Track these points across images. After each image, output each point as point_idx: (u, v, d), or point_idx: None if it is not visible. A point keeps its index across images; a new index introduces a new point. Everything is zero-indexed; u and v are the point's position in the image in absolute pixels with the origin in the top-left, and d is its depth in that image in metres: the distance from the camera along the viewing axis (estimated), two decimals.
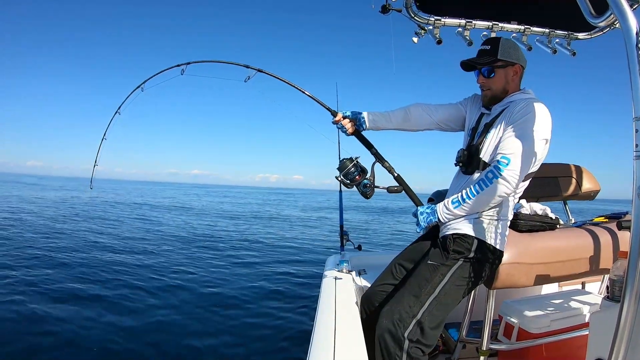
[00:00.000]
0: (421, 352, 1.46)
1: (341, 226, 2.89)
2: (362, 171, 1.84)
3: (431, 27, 2.14)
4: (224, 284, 6.13)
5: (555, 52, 2.25)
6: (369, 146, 1.96)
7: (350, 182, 1.84)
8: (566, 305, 2.01)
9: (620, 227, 1.67)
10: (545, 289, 2.45)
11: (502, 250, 1.64)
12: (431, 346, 1.50)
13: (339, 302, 1.72)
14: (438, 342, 2.19)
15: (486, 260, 1.61)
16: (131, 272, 6.55)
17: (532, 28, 2.20)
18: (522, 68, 1.71)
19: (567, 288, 2.42)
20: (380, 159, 1.90)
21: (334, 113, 1.95)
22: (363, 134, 1.97)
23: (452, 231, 1.63)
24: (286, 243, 10.89)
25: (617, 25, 1.03)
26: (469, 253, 1.58)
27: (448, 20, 2.13)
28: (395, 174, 1.89)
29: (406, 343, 1.44)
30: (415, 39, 2.19)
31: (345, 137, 2.01)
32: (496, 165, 1.53)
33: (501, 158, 1.53)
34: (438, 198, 2.05)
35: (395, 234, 14.34)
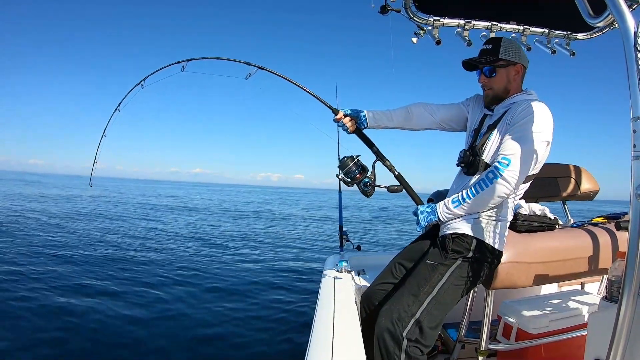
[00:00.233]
0: (420, 352, 1.46)
1: (340, 226, 2.88)
2: (363, 170, 1.84)
3: (430, 28, 2.14)
4: (225, 282, 6.16)
5: (554, 53, 2.26)
6: (370, 145, 1.96)
7: (351, 181, 1.84)
8: (565, 305, 2.01)
9: (618, 228, 1.67)
10: (544, 289, 2.45)
11: (501, 250, 1.64)
12: (429, 346, 1.50)
13: (338, 302, 1.72)
14: (437, 342, 2.19)
15: (485, 260, 1.61)
16: (139, 269, 6.65)
17: (532, 28, 2.20)
18: (524, 68, 1.71)
19: (566, 288, 2.42)
20: (381, 158, 1.89)
21: (335, 111, 1.95)
22: (364, 133, 1.97)
23: (452, 231, 1.64)
24: (287, 242, 10.91)
25: (616, 25, 1.03)
26: (468, 253, 1.58)
27: (447, 20, 2.13)
28: (395, 173, 1.89)
29: (405, 342, 1.44)
30: (414, 40, 2.19)
31: (344, 136, 2.00)
32: (497, 166, 1.53)
33: (502, 159, 1.53)
34: (438, 198, 2.05)
35: (395, 235, 14.34)
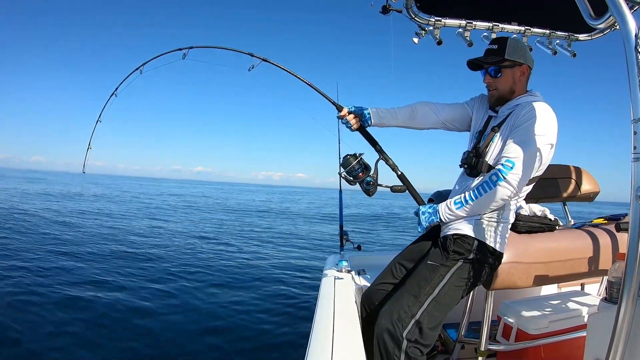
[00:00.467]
0: (419, 352, 1.47)
1: (341, 226, 2.88)
2: (366, 168, 1.83)
3: (432, 28, 2.14)
4: (226, 281, 6.21)
5: (555, 54, 2.26)
6: (374, 143, 1.94)
7: (353, 179, 1.83)
8: (565, 306, 2.01)
9: (618, 229, 1.67)
10: (544, 290, 2.45)
11: (502, 252, 1.64)
12: (429, 346, 1.51)
13: (338, 302, 1.72)
14: (437, 343, 2.19)
15: (486, 261, 1.61)
16: (146, 265, 6.80)
17: (533, 29, 2.20)
18: (529, 69, 1.70)
19: (566, 289, 2.42)
20: (384, 157, 1.88)
21: (339, 108, 1.94)
22: (368, 130, 1.96)
23: (453, 231, 1.63)
24: (287, 241, 10.94)
25: (617, 27, 1.03)
26: (469, 254, 1.58)
27: (448, 21, 2.13)
28: (398, 172, 1.89)
29: (405, 343, 1.45)
30: (415, 40, 2.19)
31: (346, 134, 2.00)
32: (500, 168, 1.52)
33: (505, 161, 1.52)
34: (438, 198, 2.05)
35: (395, 235, 14.35)
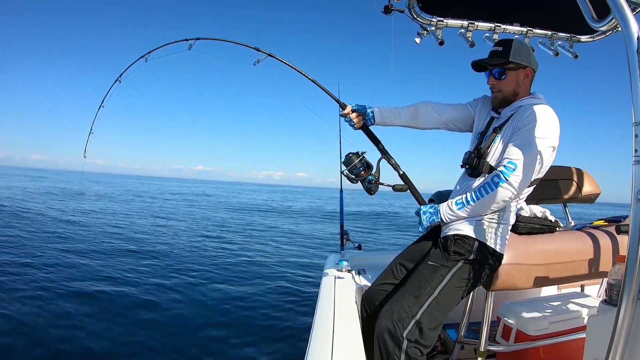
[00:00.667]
0: (419, 353, 1.47)
1: (341, 225, 2.88)
2: (368, 167, 1.83)
3: (433, 28, 2.14)
4: (227, 281, 6.22)
5: (557, 55, 2.25)
6: (376, 142, 1.94)
7: (355, 178, 1.83)
8: (564, 307, 2.01)
9: (619, 231, 1.67)
10: (544, 291, 2.45)
11: (502, 253, 1.65)
12: (429, 347, 1.51)
13: (338, 301, 1.73)
14: (436, 343, 2.19)
15: (486, 262, 1.61)
16: (149, 263, 6.86)
17: (535, 30, 2.20)
18: (534, 71, 1.70)
19: (566, 290, 2.42)
20: (386, 156, 1.88)
21: (343, 106, 1.94)
22: (370, 129, 1.95)
23: (454, 232, 1.64)
24: (288, 241, 10.96)
25: (620, 29, 1.03)
26: (470, 255, 1.59)
27: (450, 21, 2.13)
28: (400, 172, 1.89)
29: (405, 343, 1.45)
30: (417, 40, 2.19)
31: (348, 131, 1.99)
32: (502, 170, 1.52)
33: (507, 163, 1.52)
34: (439, 199, 2.06)
35: (396, 235, 14.36)
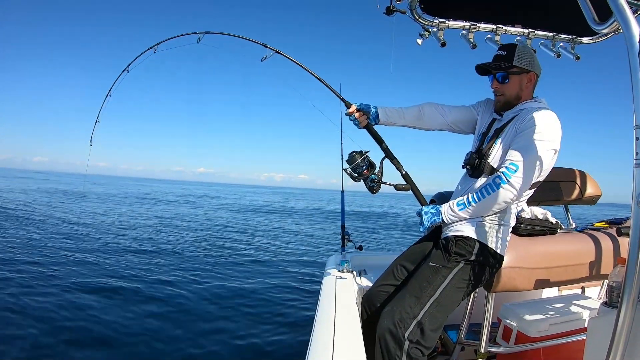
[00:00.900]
0: (421, 353, 1.47)
1: (342, 226, 2.89)
2: (371, 166, 1.84)
3: (435, 30, 2.14)
4: (229, 279, 6.27)
5: (559, 56, 2.25)
6: (380, 141, 1.95)
7: (358, 176, 1.83)
8: (565, 309, 2.01)
9: (619, 234, 1.67)
10: (544, 293, 2.45)
11: (503, 255, 1.65)
12: (430, 348, 1.51)
13: (339, 302, 1.73)
14: (437, 344, 2.19)
15: (487, 263, 1.61)
16: (152, 266, 6.88)
17: (537, 32, 2.19)
18: (537, 76, 1.71)
19: (567, 292, 2.42)
20: (389, 155, 1.89)
21: (348, 104, 1.95)
22: (374, 129, 1.96)
23: (455, 233, 1.64)
24: (290, 241, 10.98)
25: (622, 31, 1.03)
26: (470, 256, 1.59)
27: (452, 22, 2.12)
28: (403, 172, 1.89)
29: (406, 344, 1.46)
30: (419, 41, 2.19)
31: (352, 130, 2.01)
32: (504, 171, 1.53)
33: (509, 164, 1.53)
34: (440, 200, 2.06)
35: (396, 235, 14.36)
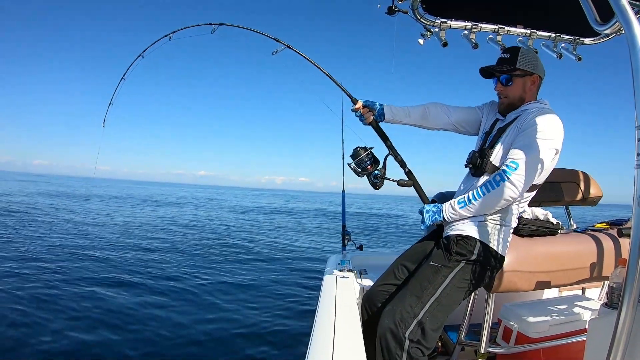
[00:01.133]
0: (421, 353, 1.48)
1: (343, 226, 2.89)
2: (375, 162, 1.84)
3: (437, 30, 2.14)
4: (230, 279, 6.32)
5: (560, 57, 2.25)
6: (385, 138, 1.96)
7: (361, 171, 1.84)
8: (566, 310, 2.01)
9: (620, 235, 1.67)
10: (545, 294, 2.45)
11: (504, 255, 1.65)
12: (431, 348, 1.52)
13: (339, 302, 1.73)
14: (437, 344, 2.19)
15: (487, 263, 1.62)
16: (157, 264, 7.12)
17: (538, 32, 2.19)
18: (540, 78, 1.73)
19: (567, 293, 2.42)
20: (393, 152, 1.90)
21: (355, 100, 1.97)
22: (380, 125, 1.98)
23: (456, 232, 1.65)
24: (292, 239, 11.02)
25: (624, 32, 1.03)
26: (471, 255, 1.59)
27: (454, 22, 2.12)
28: (406, 169, 1.90)
29: (407, 343, 1.46)
30: (421, 41, 2.19)
31: (354, 125, 2.03)
32: (504, 169, 1.54)
33: (510, 162, 1.53)
34: (441, 200, 2.06)
35: (397, 235, 14.36)
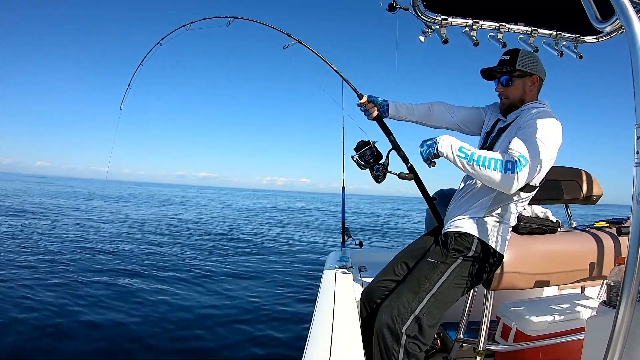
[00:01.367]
0: (418, 349, 1.48)
1: (343, 223, 2.90)
2: (378, 155, 1.85)
3: (438, 27, 2.13)
4: (232, 277, 6.38)
5: (562, 55, 2.24)
6: (388, 133, 1.98)
7: (364, 164, 1.85)
8: (564, 308, 2.01)
9: (619, 233, 1.67)
10: (544, 292, 2.46)
11: (502, 253, 1.65)
12: (428, 344, 1.52)
13: (338, 298, 1.74)
14: (436, 341, 2.20)
15: (486, 261, 1.62)
16: (164, 260, 7.36)
17: (540, 30, 2.18)
18: (541, 80, 1.73)
19: (566, 291, 2.42)
20: (396, 147, 1.91)
21: (360, 95, 1.99)
22: (384, 121, 2.00)
23: (455, 229, 1.65)
24: (292, 239, 11.04)
25: (624, 30, 1.03)
26: (469, 252, 1.60)
27: (455, 20, 2.11)
28: (408, 164, 1.91)
29: (404, 338, 1.47)
30: (422, 38, 2.18)
31: (358, 119, 2.04)
32: (517, 161, 1.44)
33: (522, 157, 1.44)
34: (441, 197, 2.06)
35: (397, 233, 14.38)
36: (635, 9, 1.00)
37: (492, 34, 2.18)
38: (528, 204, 1.88)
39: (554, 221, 1.91)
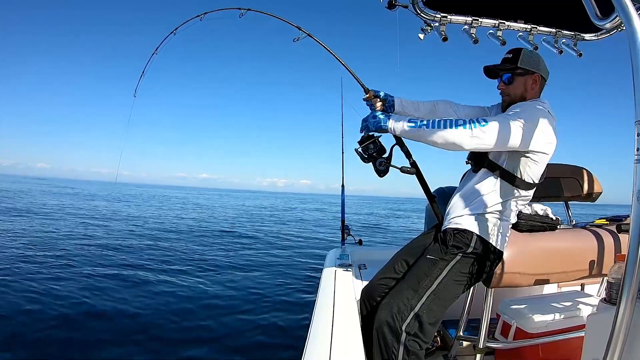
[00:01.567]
0: (418, 346, 1.48)
1: (342, 220, 2.90)
2: (381, 150, 1.86)
3: (437, 24, 2.13)
4: (234, 269, 6.51)
5: (561, 53, 2.23)
6: None
7: (367, 157, 1.86)
8: (564, 306, 2.01)
9: (619, 230, 1.67)
10: (544, 289, 2.46)
11: (502, 250, 1.65)
12: (428, 342, 1.52)
13: (338, 295, 1.74)
14: (435, 339, 2.21)
15: (485, 258, 1.62)
16: (171, 258, 7.43)
17: (539, 27, 2.18)
18: (542, 78, 1.74)
19: (566, 289, 2.42)
20: (400, 143, 1.92)
21: (367, 90, 2.00)
22: None
23: (453, 225, 1.66)
24: (292, 238, 11.06)
25: (624, 27, 1.02)
26: (467, 248, 1.60)
27: (454, 17, 2.11)
28: (411, 160, 1.92)
29: (404, 335, 1.47)
30: (421, 36, 2.17)
31: (356, 107, 2.05)
32: (473, 120, 1.50)
33: (481, 119, 1.51)
34: (440, 195, 2.06)
35: (397, 231, 14.40)
36: (635, 6, 1.00)
37: (492, 32, 2.18)
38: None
39: (554, 218, 1.91)
